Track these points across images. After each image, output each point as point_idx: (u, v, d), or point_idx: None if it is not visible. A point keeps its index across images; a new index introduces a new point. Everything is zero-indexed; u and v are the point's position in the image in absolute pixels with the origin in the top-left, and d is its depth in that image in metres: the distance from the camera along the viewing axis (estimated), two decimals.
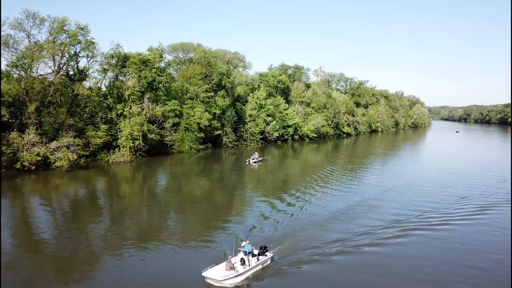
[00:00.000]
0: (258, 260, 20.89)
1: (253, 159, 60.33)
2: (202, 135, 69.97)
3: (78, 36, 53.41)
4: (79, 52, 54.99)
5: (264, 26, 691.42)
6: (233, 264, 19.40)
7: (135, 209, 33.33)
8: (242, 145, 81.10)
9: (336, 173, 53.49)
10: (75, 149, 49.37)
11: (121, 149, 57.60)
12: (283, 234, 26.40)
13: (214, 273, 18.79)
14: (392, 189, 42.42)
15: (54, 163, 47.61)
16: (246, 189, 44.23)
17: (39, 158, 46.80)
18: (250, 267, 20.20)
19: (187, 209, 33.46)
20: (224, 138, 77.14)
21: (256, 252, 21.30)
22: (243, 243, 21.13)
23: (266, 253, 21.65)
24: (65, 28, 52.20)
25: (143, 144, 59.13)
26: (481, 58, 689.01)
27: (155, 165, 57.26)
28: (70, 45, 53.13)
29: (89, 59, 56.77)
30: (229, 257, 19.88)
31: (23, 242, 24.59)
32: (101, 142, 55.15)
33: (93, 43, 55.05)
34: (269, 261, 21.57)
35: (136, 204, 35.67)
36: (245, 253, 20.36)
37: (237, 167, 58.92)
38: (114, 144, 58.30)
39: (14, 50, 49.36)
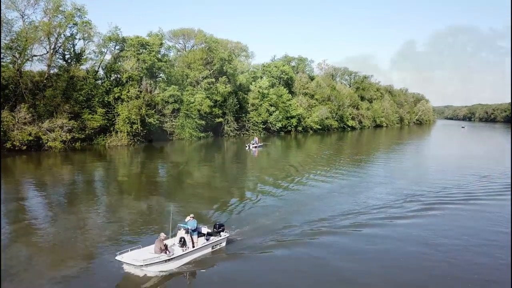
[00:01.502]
0: (208, 240, 15.02)
1: (253, 144, 54.68)
2: (203, 122, 64.42)
3: (75, 17, 48.81)
4: (75, 34, 50.39)
5: (267, 20, 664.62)
6: (165, 245, 13.46)
7: (130, 189, 28.32)
8: (244, 135, 75.19)
9: (341, 158, 48.15)
10: (69, 129, 44.92)
11: (119, 133, 52.83)
12: (263, 212, 20.89)
13: (133, 257, 12.69)
14: (398, 170, 37.79)
15: (46, 143, 43.24)
16: (245, 174, 38.24)
17: (31, 138, 42.53)
18: (193, 249, 14.25)
19: (184, 193, 27.62)
20: (225, 127, 71.45)
21: (205, 230, 15.36)
22: (187, 218, 14.96)
23: (221, 233, 15.66)
24: (60, 8, 47.63)
25: (141, 128, 54.20)
26: (485, 56, 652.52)
27: (153, 150, 52.12)
28: (66, 26, 48.47)
29: (85, 40, 52.01)
30: (161, 235, 13.72)
31: (15, 227, 19.52)
32: (97, 126, 50.55)
33: (89, 23, 50.26)
34: (223, 243, 15.65)
35: (131, 185, 30.46)
36: (187, 231, 14.36)
37: (237, 153, 53.21)
38: (112, 129, 53.57)
39: (8, 31, 45.11)
